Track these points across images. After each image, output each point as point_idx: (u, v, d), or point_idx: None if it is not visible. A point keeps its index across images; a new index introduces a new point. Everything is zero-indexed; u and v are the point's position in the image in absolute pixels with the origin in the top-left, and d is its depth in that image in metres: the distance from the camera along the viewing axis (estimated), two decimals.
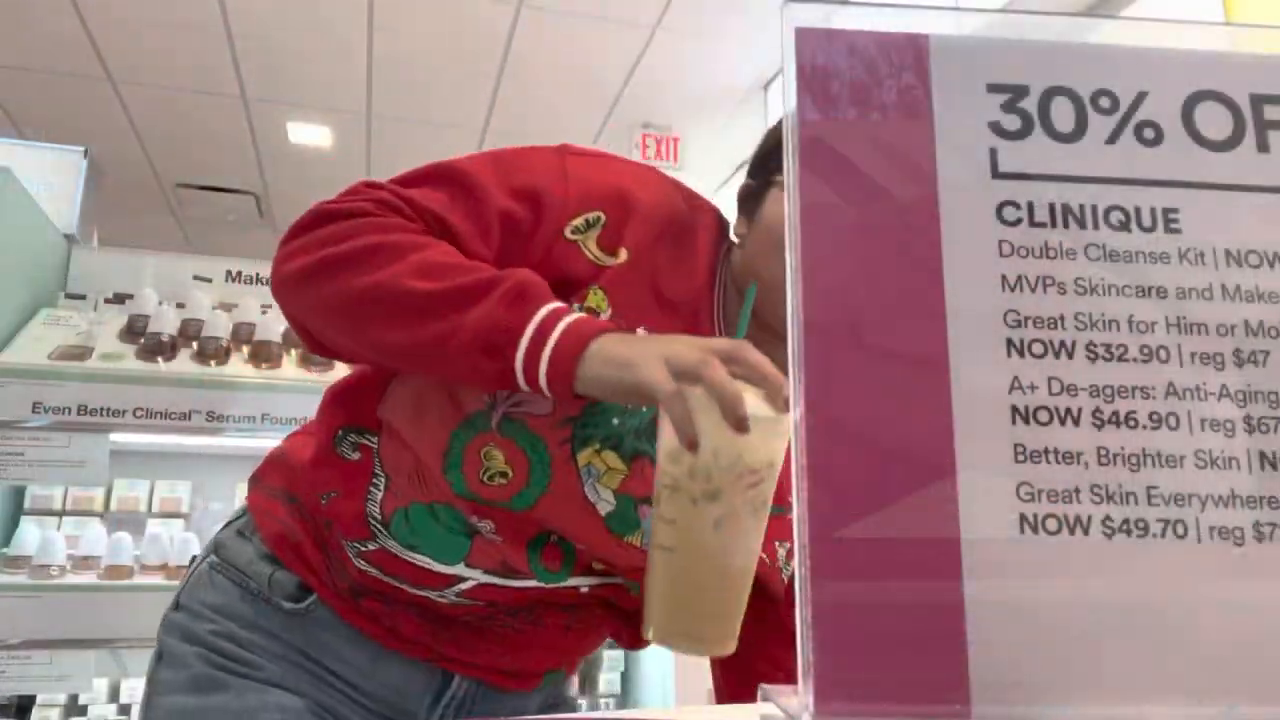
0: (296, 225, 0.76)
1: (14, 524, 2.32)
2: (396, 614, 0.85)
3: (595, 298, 0.79)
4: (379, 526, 0.82)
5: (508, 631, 0.87)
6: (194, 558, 0.95)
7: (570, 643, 0.93)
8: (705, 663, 0.96)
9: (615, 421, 0.78)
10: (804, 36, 0.42)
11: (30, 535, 2.08)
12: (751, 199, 0.86)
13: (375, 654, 0.86)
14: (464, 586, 0.82)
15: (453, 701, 0.88)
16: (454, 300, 0.68)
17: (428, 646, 0.86)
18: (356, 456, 0.85)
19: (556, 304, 0.69)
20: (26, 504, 2.45)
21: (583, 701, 2.65)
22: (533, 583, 0.82)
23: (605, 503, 0.79)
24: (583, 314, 0.69)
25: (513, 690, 0.92)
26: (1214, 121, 0.43)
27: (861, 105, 0.42)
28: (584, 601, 0.86)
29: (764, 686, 0.42)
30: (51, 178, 3.00)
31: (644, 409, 0.78)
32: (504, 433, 0.77)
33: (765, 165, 0.85)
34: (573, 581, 0.83)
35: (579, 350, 0.65)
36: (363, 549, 0.83)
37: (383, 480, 0.83)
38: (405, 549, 0.82)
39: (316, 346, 0.81)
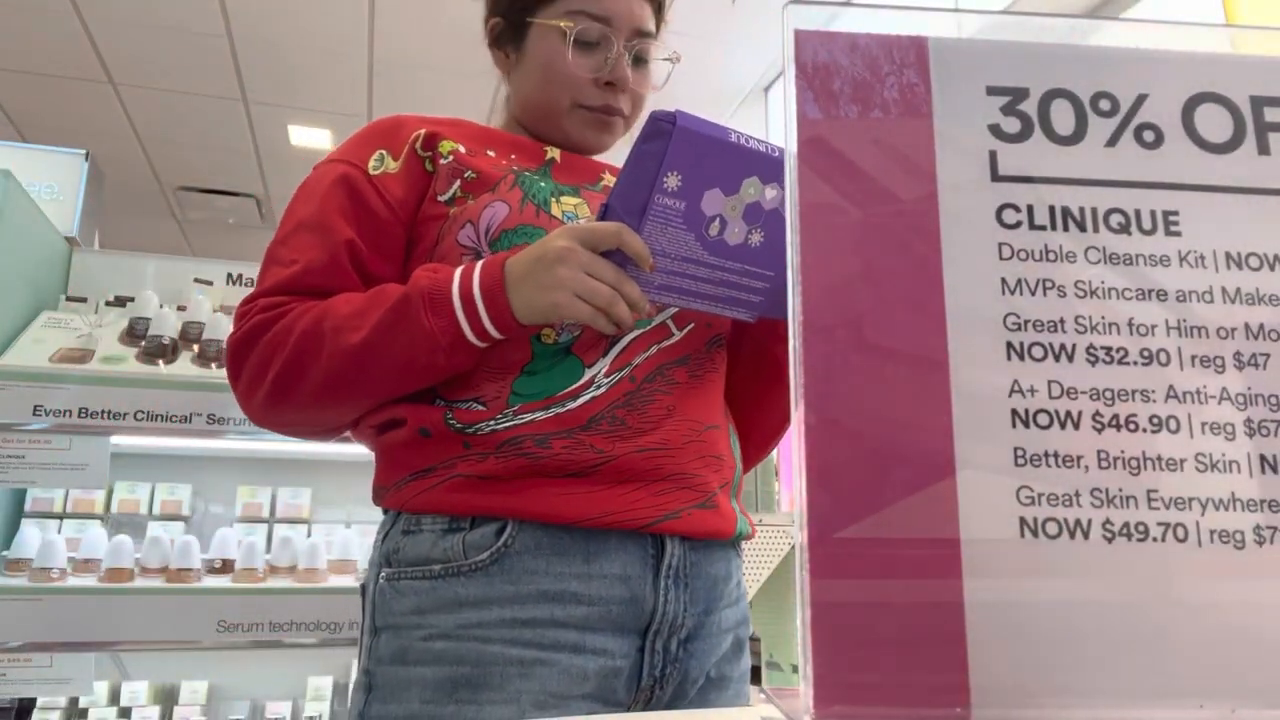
0: (230, 368, 0.92)
1: (14, 527, 2.32)
2: (579, 444, 0.87)
3: (448, 145, 0.97)
4: (511, 410, 0.88)
5: (657, 405, 0.91)
6: (361, 587, 0.94)
7: (705, 399, 0.97)
8: None
9: (542, 183, 0.96)
10: (805, 39, 0.42)
11: (31, 538, 2.08)
12: (509, 36, 1.06)
13: (585, 550, 0.86)
14: (601, 371, 0.91)
15: (670, 570, 0.89)
16: (384, 326, 0.84)
17: (622, 471, 0.87)
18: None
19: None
20: (27, 506, 2.45)
21: None
22: (636, 332, 0.93)
23: None
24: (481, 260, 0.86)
25: (715, 541, 0.94)
26: (1214, 124, 0.43)
27: (862, 107, 0.42)
28: (683, 346, 0.96)
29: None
30: (53, 180, 3.01)
31: (539, 171, 0.99)
32: (498, 250, 0.90)
33: (515, 6, 1.04)
34: (656, 320, 0.95)
35: (499, 273, 0.84)
36: (513, 407, 0.89)
37: (471, 404, 0.90)
38: (540, 400, 0.89)
39: (330, 434, 0.97)
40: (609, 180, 1.05)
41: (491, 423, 0.87)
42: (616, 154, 1.14)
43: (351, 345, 0.84)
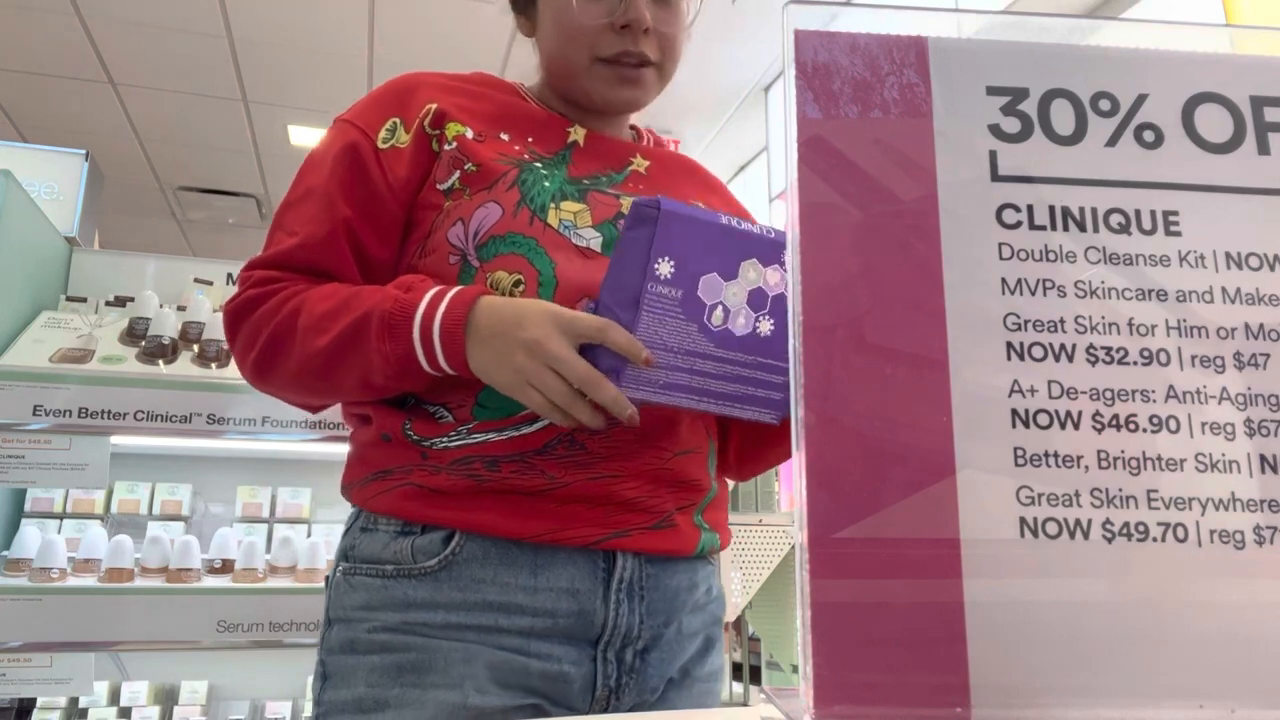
0: (225, 332, 0.93)
1: (14, 527, 2.32)
2: (530, 467, 0.86)
3: (453, 128, 0.93)
4: (465, 428, 0.87)
5: (626, 430, 0.87)
6: (326, 579, 0.95)
7: (677, 422, 0.92)
8: None
9: (546, 183, 0.91)
10: (805, 39, 0.42)
11: (31, 538, 2.08)
12: (523, 1, 1.01)
13: (533, 562, 0.86)
14: None
15: (622, 585, 0.88)
16: (344, 338, 0.84)
17: (572, 495, 0.86)
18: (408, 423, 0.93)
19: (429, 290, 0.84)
20: (27, 507, 2.45)
21: None
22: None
23: (594, 239, 0.91)
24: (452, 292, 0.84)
25: (672, 557, 0.91)
26: (1214, 124, 0.43)
27: (862, 107, 0.42)
28: None
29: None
30: (53, 180, 3.00)
31: (553, 160, 0.95)
32: (484, 256, 0.88)
33: None
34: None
35: (463, 317, 0.81)
36: (467, 430, 0.88)
37: (439, 409, 0.89)
38: (499, 419, 0.87)
39: (314, 409, 1.00)
40: (638, 165, 0.99)
41: (445, 439, 0.87)
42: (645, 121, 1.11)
43: (316, 349, 0.85)
